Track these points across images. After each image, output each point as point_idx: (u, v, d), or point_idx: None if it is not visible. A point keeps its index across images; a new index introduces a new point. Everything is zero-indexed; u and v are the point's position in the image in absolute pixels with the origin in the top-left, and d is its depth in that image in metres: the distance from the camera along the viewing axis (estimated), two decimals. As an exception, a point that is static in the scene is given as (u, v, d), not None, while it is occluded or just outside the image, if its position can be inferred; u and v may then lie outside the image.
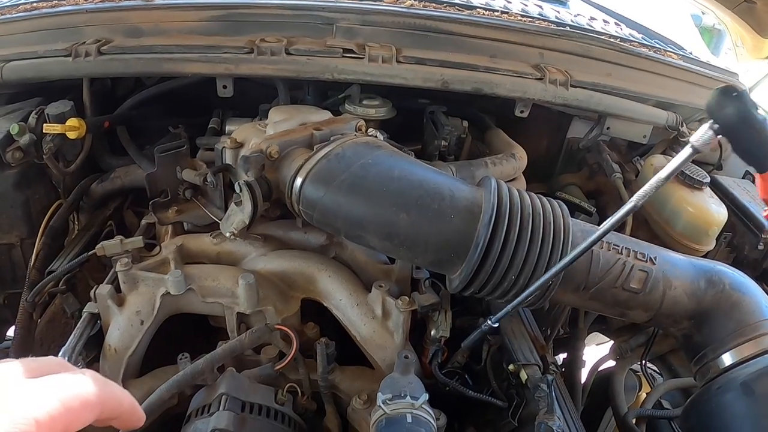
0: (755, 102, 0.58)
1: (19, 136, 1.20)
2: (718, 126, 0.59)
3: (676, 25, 2.24)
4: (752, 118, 0.58)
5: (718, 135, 0.60)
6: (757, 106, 0.59)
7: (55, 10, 1.35)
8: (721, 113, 0.58)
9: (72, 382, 0.40)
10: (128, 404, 0.46)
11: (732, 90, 0.58)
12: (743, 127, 0.58)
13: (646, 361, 1.39)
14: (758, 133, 0.58)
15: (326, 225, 0.93)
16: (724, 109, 0.58)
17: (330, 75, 1.22)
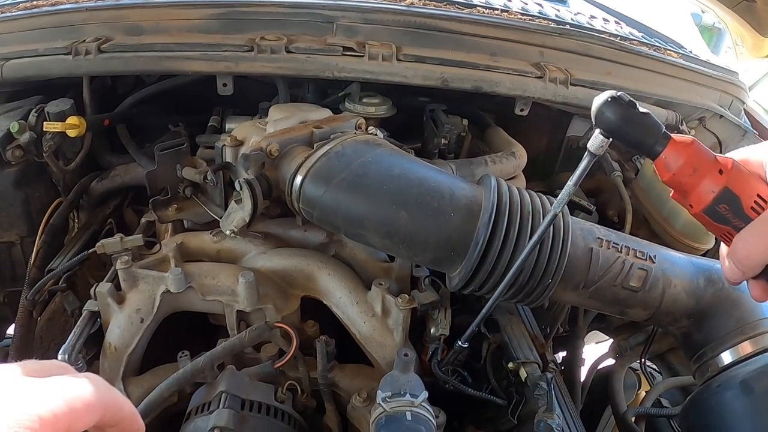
0: (632, 101, 0.65)
1: (19, 135, 1.20)
2: (605, 130, 0.66)
3: (676, 23, 2.24)
4: (631, 116, 0.64)
5: (608, 138, 0.67)
6: (635, 103, 0.65)
7: (55, 8, 1.35)
8: (604, 119, 0.65)
9: (75, 383, 0.40)
10: (129, 411, 0.46)
11: (609, 97, 0.64)
12: (626, 126, 0.65)
13: (645, 360, 1.39)
14: (640, 127, 0.65)
15: (326, 223, 0.93)
16: (604, 114, 0.65)
17: (330, 73, 1.22)
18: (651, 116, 0.65)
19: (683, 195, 0.67)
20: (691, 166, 0.65)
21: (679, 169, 0.65)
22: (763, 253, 0.63)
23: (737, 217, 0.64)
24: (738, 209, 0.64)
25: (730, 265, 0.66)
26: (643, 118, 0.65)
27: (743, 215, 0.64)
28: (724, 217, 0.65)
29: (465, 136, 1.39)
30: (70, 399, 0.38)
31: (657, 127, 0.65)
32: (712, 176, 0.64)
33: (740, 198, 0.64)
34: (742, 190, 0.64)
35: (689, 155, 0.65)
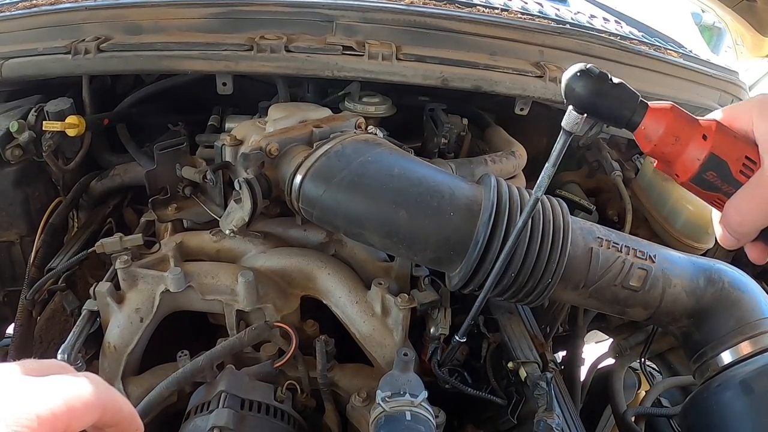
0: (604, 72, 0.62)
1: (19, 134, 1.20)
2: (578, 106, 0.63)
3: (676, 23, 2.24)
4: (603, 89, 0.61)
5: (582, 114, 0.64)
6: (607, 75, 0.62)
7: (54, 8, 1.35)
8: (575, 95, 0.62)
9: (74, 382, 0.40)
10: (128, 412, 0.45)
11: (578, 71, 0.61)
12: (599, 100, 0.62)
13: (645, 359, 1.39)
14: (614, 99, 0.62)
15: (326, 222, 0.93)
16: (575, 90, 0.62)
17: (330, 72, 1.21)
18: (625, 86, 0.63)
19: (668, 165, 0.64)
20: (672, 134, 0.62)
21: (660, 139, 0.62)
22: (757, 219, 0.61)
23: (726, 183, 0.61)
24: (726, 174, 0.61)
25: (724, 232, 0.64)
26: (617, 89, 0.62)
27: (732, 180, 0.61)
28: (712, 184, 0.62)
29: (465, 135, 1.39)
30: (68, 398, 0.38)
31: (633, 97, 0.63)
32: (696, 142, 0.61)
33: (727, 163, 0.61)
34: (729, 154, 0.61)
35: (669, 122, 0.62)
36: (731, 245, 0.64)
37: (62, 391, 0.39)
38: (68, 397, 0.38)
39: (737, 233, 0.63)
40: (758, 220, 0.61)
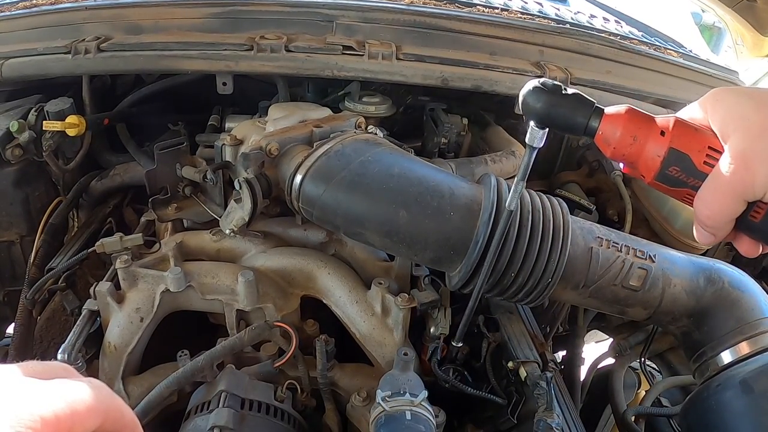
0: (557, 84, 0.63)
1: (19, 134, 1.20)
2: (537, 121, 0.65)
3: (676, 22, 2.24)
4: (557, 100, 0.63)
5: (543, 129, 0.66)
6: (561, 86, 0.63)
7: (54, 7, 1.35)
8: (532, 110, 0.64)
9: (78, 386, 0.40)
10: (130, 419, 0.45)
11: (532, 87, 0.63)
12: (554, 112, 0.63)
13: (645, 359, 1.39)
14: (569, 108, 0.63)
15: (326, 222, 0.93)
16: (531, 106, 0.63)
17: (330, 72, 1.21)
18: (580, 95, 0.63)
19: (632, 167, 0.64)
20: (629, 135, 0.62)
21: (618, 141, 0.62)
22: (726, 210, 0.59)
23: (692, 177, 0.61)
24: (691, 168, 0.60)
25: (698, 228, 0.63)
26: (571, 98, 0.63)
27: (698, 173, 0.60)
28: (678, 180, 0.61)
29: (465, 135, 1.39)
30: (72, 401, 0.38)
31: (588, 105, 0.63)
32: (655, 140, 0.61)
33: (689, 156, 0.60)
34: (690, 146, 0.60)
35: (625, 123, 0.62)
36: (707, 241, 0.63)
37: (66, 395, 0.38)
38: (72, 401, 0.38)
39: (709, 227, 0.61)
40: (726, 211, 0.59)
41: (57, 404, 0.37)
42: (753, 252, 0.65)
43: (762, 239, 0.64)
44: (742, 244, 0.65)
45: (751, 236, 0.64)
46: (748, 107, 0.59)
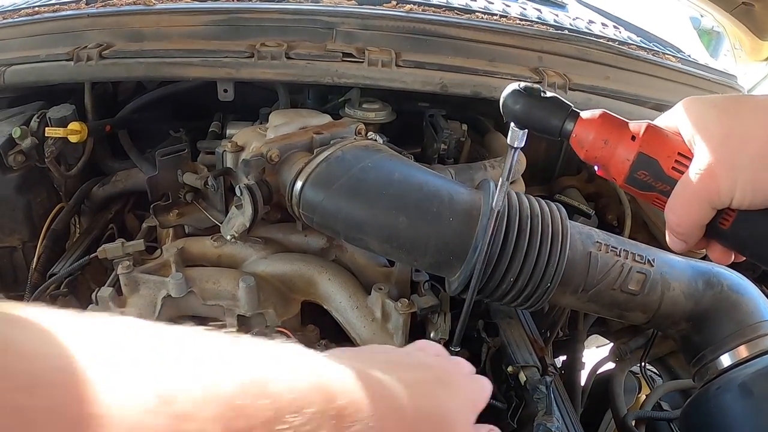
0: (536, 87, 0.66)
1: (21, 140, 1.21)
2: (516, 122, 0.68)
3: (675, 27, 2.24)
4: (535, 103, 0.65)
5: (522, 129, 0.69)
6: (540, 90, 0.66)
7: (56, 15, 1.36)
8: (511, 112, 0.67)
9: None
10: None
11: (511, 90, 0.66)
12: (532, 114, 0.66)
13: (645, 363, 1.39)
14: (546, 111, 0.66)
15: (326, 228, 0.93)
16: (509, 107, 0.66)
17: (330, 79, 1.22)
18: (557, 98, 0.66)
19: (605, 169, 0.66)
20: (601, 138, 0.64)
21: (590, 144, 0.64)
22: (694, 216, 0.60)
23: (660, 181, 0.62)
24: (659, 173, 0.62)
25: (669, 235, 0.64)
26: (548, 102, 0.65)
27: (666, 178, 0.62)
28: (647, 184, 0.63)
29: (464, 141, 1.39)
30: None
31: (564, 108, 0.65)
32: (625, 144, 0.63)
33: (658, 161, 0.62)
34: (659, 152, 0.62)
35: (597, 127, 0.64)
36: (679, 248, 0.64)
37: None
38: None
39: (679, 234, 0.62)
40: (694, 219, 0.60)
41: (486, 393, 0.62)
42: (724, 260, 0.66)
43: (732, 246, 0.66)
44: (713, 251, 0.66)
45: (722, 244, 0.65)
46: (711, 116, 0.60)
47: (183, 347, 0.33)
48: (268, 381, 0.34)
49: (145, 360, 0.30)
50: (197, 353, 0.34)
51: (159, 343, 0.33)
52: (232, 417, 0.31)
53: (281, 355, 0.39)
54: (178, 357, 0.32)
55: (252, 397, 0.32)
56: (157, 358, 0.31)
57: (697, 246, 0.65)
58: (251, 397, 0.32)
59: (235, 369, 0.33)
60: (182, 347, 0.33)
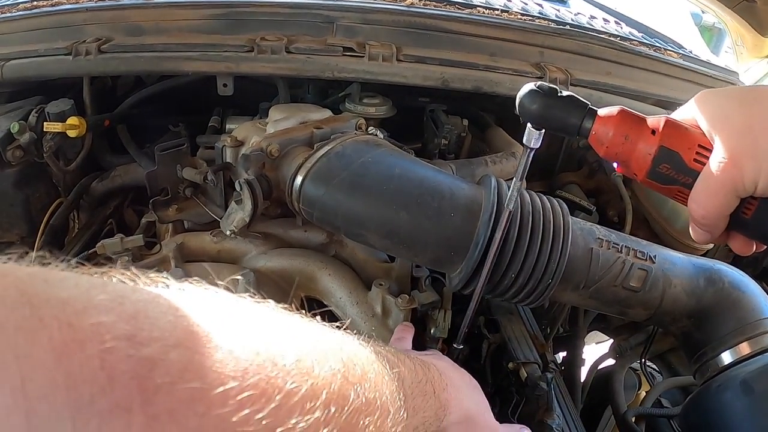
0: (553, 87, 0.65)
1: (20, 135, 1.20)
2: (533, 122, 0.67)
3: (676, 23, 2.24)
4: (552, 102, 0.65)
5: (540, 130, 0.68)
6: (556, 90, 0.65)
7: (55, 9, 1.36)
8: (528, 112, 0.66)
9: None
10: None
11: (528, 89, 0.66)
12: (550, 114, 0.65)
13: (645, 360, 1.39)
14: (564, 110, 0.65)
15: (326, 223, 0.93)
16: (526, 107, 0.66)
17: (330, 73, 1.22)
18: (574, 97, 0.66)
19: (625, 166, 0.66)
20: (621, 135, 0.64)
21: (610, 140, 0.64)
22: (719, 207, 0.61)
23: (682, 174, 0.63)
24: (681, 165, 0.62)
25: (693, 228, 0.65)
26: (566, 100, 0.65)
27: (688, 170, 0.62)
28: (669, 177, 0.63)
29: (465, 136, 1.39)
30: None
31: (582, 106, 0.65)
32: (645, 139, 0.63)
33: (679, 153, 0.62)
34: (680, 144, 0.62)
35: (617, 124, 0.64)
36: (704, 239, 0.65)
37: None
38: None
39: (705, 225, 0.63)
40: (719, 208, 0.61)
41: None
42: (746, 250, 0.67)
43: (754, 236, 0.66)
44: (735, 242, 0.67)
45: (744, 233, 0.66)
46: (731, 107, 0.61)
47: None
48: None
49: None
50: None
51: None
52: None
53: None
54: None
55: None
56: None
57: (718, 240, 0.66)
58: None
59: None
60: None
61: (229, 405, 0.27)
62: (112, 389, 0.23)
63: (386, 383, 0.42)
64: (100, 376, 0.23)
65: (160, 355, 0.26)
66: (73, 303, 0.25)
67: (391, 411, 0.41)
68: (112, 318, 0.25)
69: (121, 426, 0.23)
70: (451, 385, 0.62)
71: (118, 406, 0.23)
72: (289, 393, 0.30)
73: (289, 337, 0.35)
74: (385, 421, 0.39)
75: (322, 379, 0.33)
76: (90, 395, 0.23)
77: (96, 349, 0.24)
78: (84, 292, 0.26)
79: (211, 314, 0.30)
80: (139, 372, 0.24)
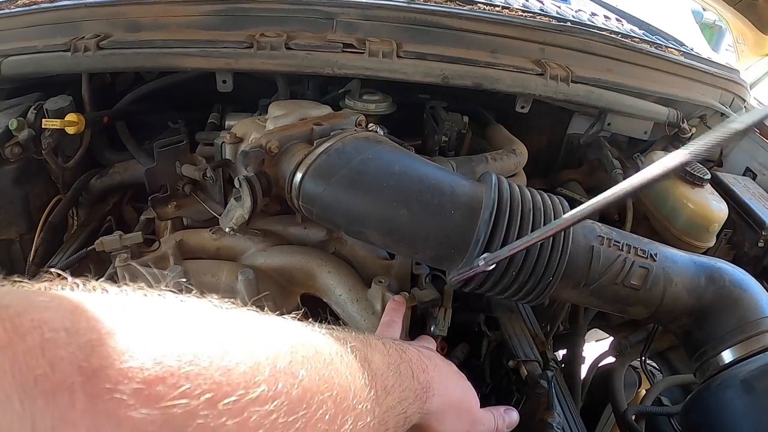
0: None
1: (18, 132, 1.20)
2: None
3: (677, 21, 2.23)
4: None
5: None
6: None
7: (54, 5, 1.35)
8: None
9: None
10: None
11: None
12: None
13: (645, 358, 1.39)
14: None
15: (326, 220, 0.92)
16: None
17: (330, 70, 1.21)
18: None
19: None
20: None
21: None
22: None
23: None
24: None
25: None
26: None
27: None
28: None
29: (465, 133, 1.39)
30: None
31: None
32: None
33: None
34: None
35: None
36: None
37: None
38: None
39: None
40: None
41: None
42: None
43: None
44: None
45: None
46: None
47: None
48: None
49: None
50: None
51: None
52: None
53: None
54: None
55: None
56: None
57: None
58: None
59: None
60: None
61: (167, 383, 0.29)
62: (54, 372, 0.26)
63: (347, 364, 0.43)
64: (42, 362, 0.26)
65: (97, 341, 0.28)
66: (15, 306, 0.28)
67: (353, 389, 0.42)
68: (51, 314, 0.28)
69: (65, 404, 0.26)
70: (433, 368, 0.62)
71: (60, 387, 0.26)
72: (230, 371, 0.32)
73: (232, 322, 0.40)
74: (346, 399, 0.40)
75: (268, 357, 0.36)
76: (34, 378, 0.26)
77: (37, 340, 0.27)
78: (24, 296, 0.30)
79: (145, 308, 0.34)
80: (78, 357, 0.27)
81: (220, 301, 0.43)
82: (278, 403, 0.34)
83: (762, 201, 1.42)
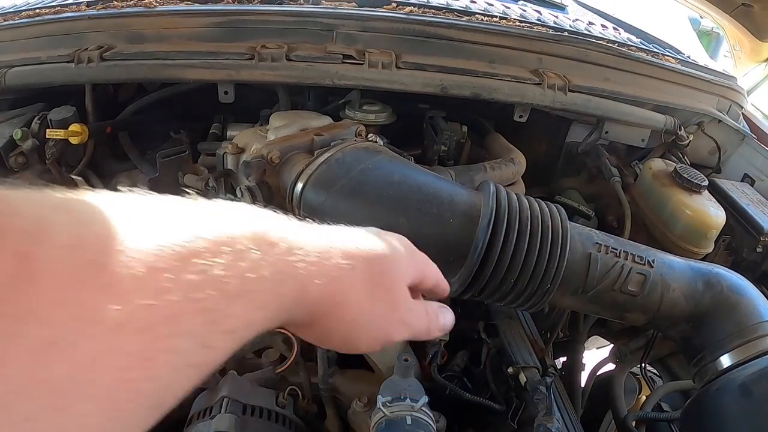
0: None
1: (22, 142, 1.21)
2: None
3: (674, 28, 2.25)
4: None
5: None
6: None
7: (57, 17, 1.37)
8: None
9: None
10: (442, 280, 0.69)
11: None
12: None
13: (645, 364, 1.39)
14: None
15: (326, 229, 0.93)
16: None
17: (330, 81, 1.22)
18: None
19: None
20: None
21: None
22: None
23: None
24: None
25: None
26: None
27: None
28: None
29: (464, 142, 1.40)
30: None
31: None
32: None
33: None
34: None
35: None
36: None
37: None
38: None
39: None
40: None
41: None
42: None
43: None
44: None
45: None
46: None
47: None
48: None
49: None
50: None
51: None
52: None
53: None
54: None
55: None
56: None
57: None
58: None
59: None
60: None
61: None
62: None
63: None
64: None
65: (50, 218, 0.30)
66: None
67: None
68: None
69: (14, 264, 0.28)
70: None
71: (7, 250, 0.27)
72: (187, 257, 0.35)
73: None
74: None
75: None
76: None
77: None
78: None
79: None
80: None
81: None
82: None
83: (760, 206, 1.43)
